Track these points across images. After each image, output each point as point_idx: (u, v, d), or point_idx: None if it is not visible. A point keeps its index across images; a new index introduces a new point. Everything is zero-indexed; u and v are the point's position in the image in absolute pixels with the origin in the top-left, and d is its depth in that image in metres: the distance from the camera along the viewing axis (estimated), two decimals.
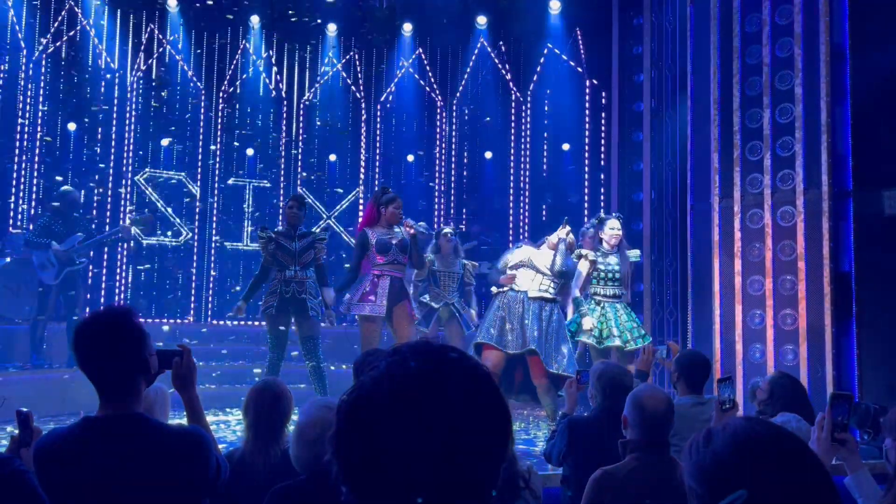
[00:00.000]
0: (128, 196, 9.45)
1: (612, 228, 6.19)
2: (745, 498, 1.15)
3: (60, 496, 1.94)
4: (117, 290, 9.27)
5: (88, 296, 8.62)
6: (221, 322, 9.49)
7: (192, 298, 9.72)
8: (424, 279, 7.28)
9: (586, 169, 9.72)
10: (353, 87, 10.45)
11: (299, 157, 10.36)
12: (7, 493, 1.80)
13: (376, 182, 10.48)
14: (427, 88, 10.51)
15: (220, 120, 10.07)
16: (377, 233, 5.96)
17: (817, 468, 1.21)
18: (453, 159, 10.64)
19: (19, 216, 8.75)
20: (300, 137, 10.37)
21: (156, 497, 1.97)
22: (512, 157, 10.40)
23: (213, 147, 9.92)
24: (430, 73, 10.46)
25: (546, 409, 5.72)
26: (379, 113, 10.59)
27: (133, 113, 9.58)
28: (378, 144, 10.59)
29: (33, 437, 2.19)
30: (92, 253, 8.10)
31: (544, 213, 10.26)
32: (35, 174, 8.91)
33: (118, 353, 2.03)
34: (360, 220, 6.44)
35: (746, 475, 1.18)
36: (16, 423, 2.25)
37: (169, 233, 9.69)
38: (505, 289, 5.78)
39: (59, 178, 7.58)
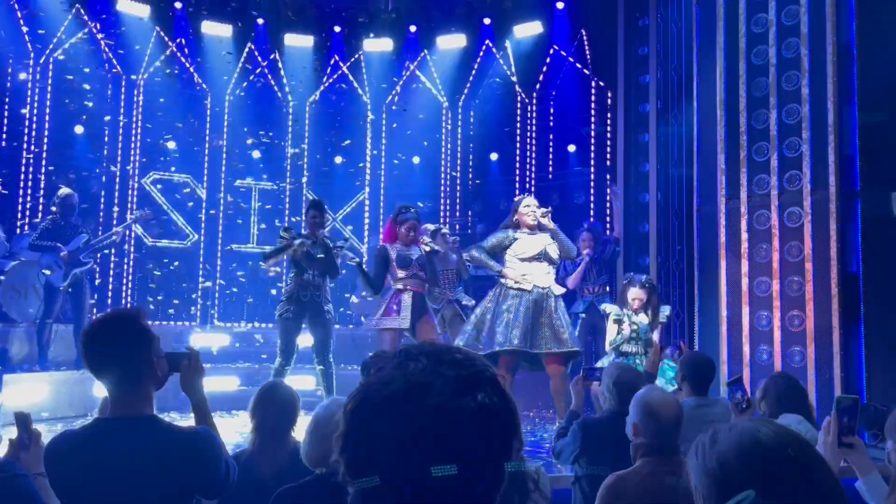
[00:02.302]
0: (134, 199, 9.48)
1: (634, 299, 5.73)
2: (753, 499, 1.15)
3: (72, 496, 1.95)
4: (124, 292, 9.29)
5: (96, 296, 8.66)
6: (227, 324, 9.52)
7: (199, 300, 9.74)
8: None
9: (592, 170, 9.71)
10: (358, 89, 10.47)
11: (305, 158, 10.39)
12: (6, 497, 1.81)
13: (382, 184, 10.50)
14: (433, 90, 10.52)
15: (226, 122, 10.10)
16: (396, 248, 6.10)
17: (824, 469, 1.20)
18: (458, 161, 10.63)
19: (26, 219, 8.79)
20: (305, 139, 10.40)
21: (166, 498, 1.98)
22: (518, 159, 10.38)
23: (221, 141, 9.93)
24: (435, 75, 10.46)
25: (557, 407, 5.67)
26: (384, 114, 10.60)
27: (139, 115, 9.61)
28: (383, 146, 10.61)
29: (32, 439, 2.18)
30: (100, 256, 8.13)
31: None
32: (42, 177, 8.94)
33: (126, 356, 2.04)
34: (381, 235, 6.51)
35: (752, 476, 1.18)
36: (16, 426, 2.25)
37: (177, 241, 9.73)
38: (510, 283, 5.68)
39: (65, 190, 7.55)
